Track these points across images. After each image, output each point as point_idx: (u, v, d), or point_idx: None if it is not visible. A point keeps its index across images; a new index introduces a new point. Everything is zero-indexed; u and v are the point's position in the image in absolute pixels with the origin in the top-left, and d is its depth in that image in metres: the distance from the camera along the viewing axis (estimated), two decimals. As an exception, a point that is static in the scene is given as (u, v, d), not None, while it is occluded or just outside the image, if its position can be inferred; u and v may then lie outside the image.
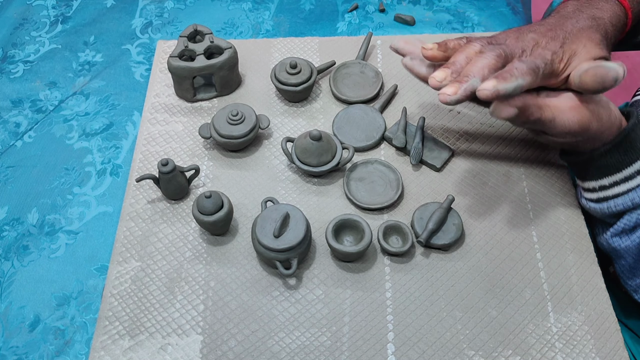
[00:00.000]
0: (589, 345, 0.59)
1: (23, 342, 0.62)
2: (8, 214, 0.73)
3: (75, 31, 0.94)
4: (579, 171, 0.63)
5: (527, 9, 1.09)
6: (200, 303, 0.62)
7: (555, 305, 0.61)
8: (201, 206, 0.62)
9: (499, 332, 0.60)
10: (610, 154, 0.58)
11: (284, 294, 0.62)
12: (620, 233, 0.60)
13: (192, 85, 0.76)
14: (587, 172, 0.61)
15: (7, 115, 0.83)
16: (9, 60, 0.90)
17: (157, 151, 0.73)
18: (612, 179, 0.59)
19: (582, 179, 0.63)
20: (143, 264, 0.64)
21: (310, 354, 0.58)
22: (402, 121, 0.73)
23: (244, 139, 0.70)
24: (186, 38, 0.76)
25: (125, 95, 0.84)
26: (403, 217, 0.67)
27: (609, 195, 0.60)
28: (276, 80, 0.75)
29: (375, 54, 0.83)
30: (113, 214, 0.72)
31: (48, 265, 0.68)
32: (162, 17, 0.96)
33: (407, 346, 0.59)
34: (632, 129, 0.57)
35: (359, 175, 0.70)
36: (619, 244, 0.61)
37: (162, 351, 0.59)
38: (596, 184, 0.61)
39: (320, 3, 0.97)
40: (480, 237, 0.66)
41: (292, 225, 0.61)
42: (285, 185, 0.70)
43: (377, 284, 0.63)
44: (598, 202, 0.61)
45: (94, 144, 0.79)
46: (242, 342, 0.59)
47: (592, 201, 0.62)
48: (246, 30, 0.93)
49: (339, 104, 0.78)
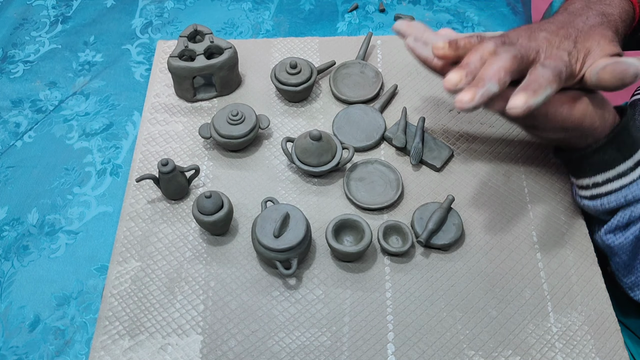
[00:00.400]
0: (589, 345, 0.59)
1: (23, 342, 0.62)
2: (8, 214, 0.73)
3: (75, 31, 0.94)
4: (572, 168, 0.63)
5: (527, 9, 1.09)
6: (200, 303, 0.62)
7: (555, 305, 0.61)
8: (201, 206, 0.62)
9: (499, 332, 0.60)
10: (603, 150, 0.58)
11: (284, 294, 0.62)
12: (614, 230, 0.60)
13: (192, 85, 0.76)
14: (581, 169, 0.61)
15: (7, 115, 0.83)
16: (9, 60, 0.90)
17: (157, 151, 0.73)
18: (605, 175, 0.59)
19: (576, 177, 0.63)
20: (143, 264, 0.64)
21: (310, 354, 0.58)
22: (402, 121, 0.73)
23: (244, 139, 0.70)
24: (186, 38, 0.76)
25: (125, 95, 0.84)
26: (403, 217, 0.67)
27: (602, 192, 0.60)
28: (276, 80, 0.75)
29: (375, 54, 0.83)
30: (113, 214, 0.72)
31: (48, 265, 0.68)
32: (162, 17, 0.96)
33: (407, 346, 0.59)
34: (625, 126, 0.57)
35: (359, 175, 0.70)
36: (612, 241, 0.61)
37: (162, 351, 0.59)
38: (590, 181, 0.61)
39: (320, 3, 0.97)
40: (480, 237, 0.66)
41: (292, 225, 0.61)
42: (285, 185, 0.70)
43: (377, 284, 0.63)
44: (592, 199, 0.61)
45: (94, 144, 0.79)
46: (242, 342, 0.59)
47: (586, 198, 0.62)
48: (246, 30, 0.93)
49: (339, 104, 0.78)
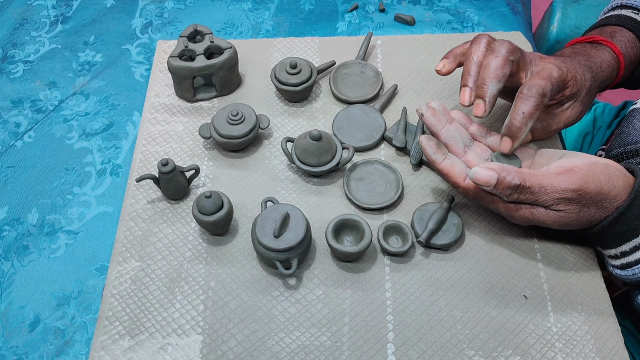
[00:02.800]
0: (589, 345, 0.59)
1: (23, 342, 0.62)
2: (8, 214, 0.73)
3: (75, 31, 0.94)
4: (597, 241, 0.60)
5: (527, 9, 1.09)
6: (200, 303, 0.62)
7: (555, 305, 0.61)
8: (201, 206, 0.62)
9: (499, 332, 0.60)
10: (622, 219, 0.55)
11: (284, 294, 0.62)
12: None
13: (192, 85, 0.76)
14: (605, 240, 0.58)
15: (7, 115, 0.83)
16: (9, 60, 0.90)
17: (157, 151, 0.73)
18: (631, 244, 0.56)
19: (602, 247, 0.60)
20: (143, 264, 0.64)
21: (310, 354, 0.58)
22: (402, 121, 0.73)
23: (244, 139, 0.70)
24: (186, 38, 0.76)
25: (125, 95, 0.84)
26: (403, 217, 0.67)
27: (632, 261, 0.57)
28: (276, 80, 0.75)
29: (375, 54, 0.83)
30: (113, 214, 0.72)
31: (48, 265, 0.68)
32: (162, 17, 0.96)
33: (407, 346, 0.59)
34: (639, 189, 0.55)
35: (359, 175, 0.70)
36: None
37: (162, 351, 0.59)
38: (616, 250, 0.58)
39: (320, 3, 0.97)
40: (480, 237, 0.66)
41: (292, 225, 0.61)
42: (285, 185, 0.70)
43: (377, 284, 0.63)
44: (623, 268, 0.58)
45: (94, 144, 0.79)
46: (242, 342, 0.59)
47: (617, 268, 0.59)
48: (246, 30, 0.93)
49: (339, 104, 0.78)
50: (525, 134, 0.58)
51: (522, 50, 0.61)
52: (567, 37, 1.00)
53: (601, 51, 0.66)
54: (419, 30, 0.91)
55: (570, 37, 0.99)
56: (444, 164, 0.60)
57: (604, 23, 0.71)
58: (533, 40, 0.94)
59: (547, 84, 0.57)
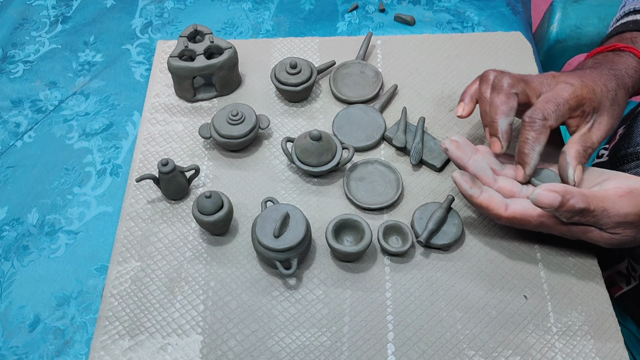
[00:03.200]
0: (589, 345, 0.59)
1: (23, 342, 0.62)
2: (8, 214, 0.72)
3: (75, 31, 0.94)
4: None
5: (527, 9, 1.09)
6: (200, 303, 0.62)
7: (555, 305, 0.61)
8: (201, 206, 0.62)
9: (499, 332, 0.60)
10: None
11: (284, 294, 0.62)
12: None
13: (192, 85, 0.76)
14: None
15: (7, 115, 0.83)
16: (9, 60, 0.90)
17: (157, 151, 0.73)
18: None
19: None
20: (143, 264, 0.64)
21: (310, 354, 0.58)
22: (402, 121, 0.73)
23: (244, 139, 0.70)
24: (186, 38, 0.76)
25: (125, 95, 0.84)
26: (403, 217, 0.67)
27: None
28: (276, 80, 0.75)
29: (375, 54, 0.83)
30: (113, 214, 0.72)
31: (48, 265, 0.68)
32: (162, 17, 0.95)
33: (407, 346, 0.59)
34: None
35: (359, 175, 0.70)
36: None
37: (162, 351, 0.59)
38: None
39: (320, 3, 0.97)
40: (480, 237, 0.66)
41: (292, 225, 0.61)
42: (285, 185, 0.70)
43: (377, 284, 0.63)
44: None
45: (94, 144, 0.79)
46: (242, 342, 0.59)
47: None
48: (246, 30, 0.93)
49: (339, 104, 0.78)
50: (536, 159, 0.58)
51: (528, 78, 0.60)
52: (567, 37, 1.00)
53: (625, 58, 0.65)
54: (419, 30, 0.91)
55: (570, 37, 0.99)
56: (482, 198, 0.58)
57: (622, 30, 0.70)
58: (533, 40, 0.94)
59: (551, 106, 0.57)
